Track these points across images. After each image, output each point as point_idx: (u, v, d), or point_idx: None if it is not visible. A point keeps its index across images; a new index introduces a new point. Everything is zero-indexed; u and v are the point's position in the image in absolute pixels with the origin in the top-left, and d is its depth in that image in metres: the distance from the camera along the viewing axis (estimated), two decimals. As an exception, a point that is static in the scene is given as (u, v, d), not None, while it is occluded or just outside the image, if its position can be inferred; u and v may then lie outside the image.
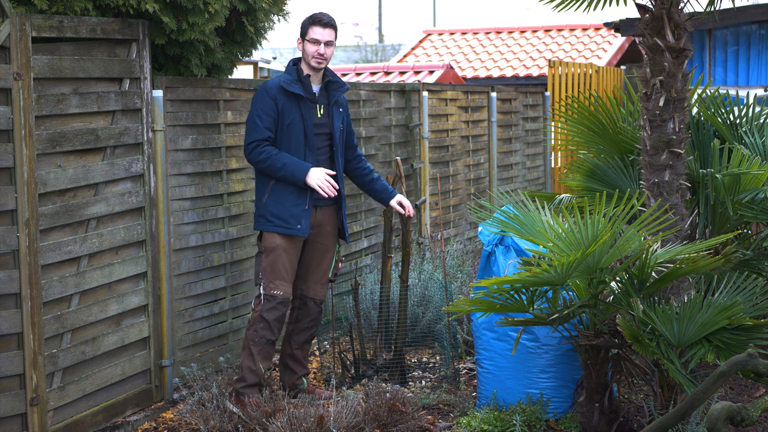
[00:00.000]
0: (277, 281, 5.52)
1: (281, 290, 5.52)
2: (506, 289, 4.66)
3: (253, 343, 5.48)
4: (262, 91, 5.54)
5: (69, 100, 4.95)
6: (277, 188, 5.53)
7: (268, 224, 5.54)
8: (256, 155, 5.47)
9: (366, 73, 13.58)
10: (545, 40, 15.95)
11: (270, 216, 5.53)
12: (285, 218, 5.52)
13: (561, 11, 5.93)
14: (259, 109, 5.50)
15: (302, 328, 5.78)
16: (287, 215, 5.52)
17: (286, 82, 5.51)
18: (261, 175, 5.58)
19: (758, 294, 4.92)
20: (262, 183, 5.58)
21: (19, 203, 4.62)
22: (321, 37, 5.56)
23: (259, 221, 5.58)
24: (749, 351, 4.03)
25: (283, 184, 5.52)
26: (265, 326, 5.49)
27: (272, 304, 5.50)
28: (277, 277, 5.52)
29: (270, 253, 5.53)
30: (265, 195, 5.56)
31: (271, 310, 5.50)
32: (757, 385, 5.81)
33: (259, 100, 5.52)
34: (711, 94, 6.36)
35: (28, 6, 4.84)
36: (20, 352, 4.68)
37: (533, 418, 5.12)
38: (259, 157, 5.47)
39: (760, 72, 13.16)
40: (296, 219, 5.53)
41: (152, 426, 5.43)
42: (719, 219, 5.89)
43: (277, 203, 5.53)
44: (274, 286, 5.51)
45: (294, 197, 5.53)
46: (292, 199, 5.53)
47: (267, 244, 5.55)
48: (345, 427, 4.79)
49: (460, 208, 9.94)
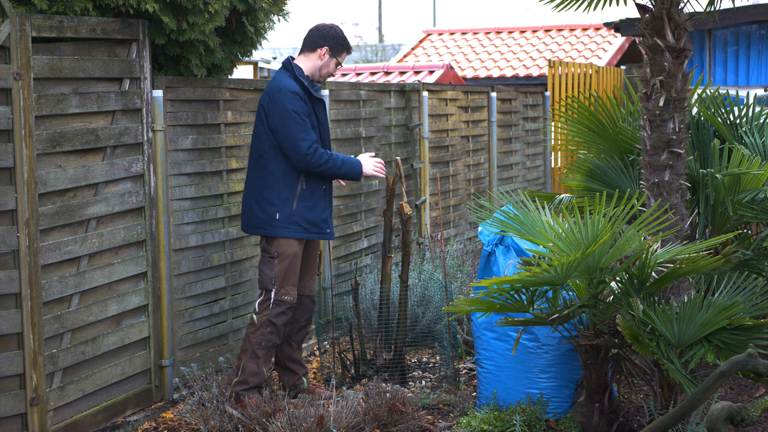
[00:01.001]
0: (288, 286, 5.52)
1: (291, 295, 5.53)
2: (506, 289, 4.66)
3: (259, 347, 5.47)
4: (288, 93, 5.43)
5: (69, 100, 4.95)
6: (308, 194, 5.49)
7: (302, 232, 5.49)
8: (319, 158, 5.40)
9: (366, 73, 13.58)
10: (545, 40, 15.95)
11: (304, 223, 5.48)
12: (317, 224, 5.53)
13: (561, 11, 5.93)
14: (298, 110, 5.41)
15: (300, 326, 5.79)
16: (320, 220, 5.54)
17: (307, 85, 5.51)
18: (288, 179, 5.46)
19: (758, 294, 4.91)
20: (287, 187, 5.46)
21: (19, 203, 4.62)
22: (343, 61, 5.72)
23: (290, 228, 5.47)
24: (749, 351, 4.03)
25: (312, 189, 5.49)
26: (273, 330, 5.49)
27: (281, 309, 5.51)
28: (288, 282, 5.52)
29: (286, 259, 5.49)
30: (294, 201, 5.46)
31: (280, 315, 5.51)
32: (757, 385, 5.81)
33: (293, 101, 5.41)
34: (711, 94, 6.36)
35: (28, 6, 4.85)
36: (20, 352, 4.68)
37: (533, 418, 5.12)
38: (321, 159, 5.41)
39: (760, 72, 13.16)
40: (327, 224, 5.59)
41: (152, 426, 5.43)
42: (719, 219, 5.90)
43: (310, 209, 5.49)
44: (285, 292, 5.51)
45: (324, 201, 5.56)
46: (323, 204, 5.55)
47: (285, 250, 5.49)
48: (345, 427, 4.79)
49: (460, 208, 9.94)
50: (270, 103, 5.46)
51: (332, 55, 5.62)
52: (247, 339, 5.55)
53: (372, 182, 8.12)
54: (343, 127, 7.66)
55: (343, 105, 7.71)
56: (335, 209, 7.51)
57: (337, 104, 7.59)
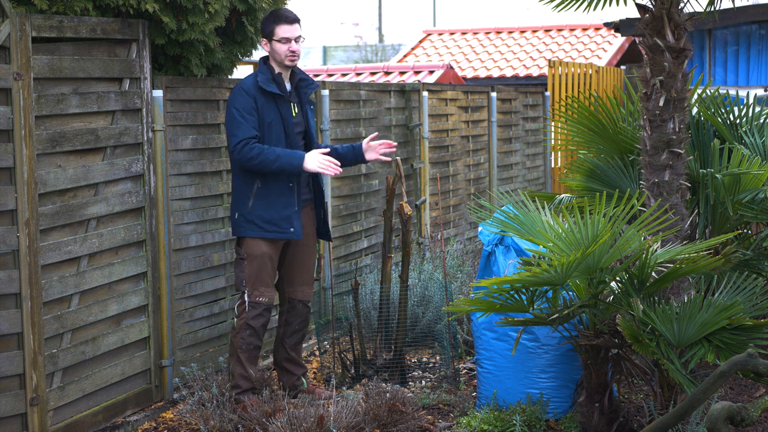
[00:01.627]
0: (262, 288, 5.47)
1: (266, 296, 5.48)
2: (506, 289, 4.66)
3: (240, 350, 5.47)
4: (239, 90, 5.42)
5: (69, 100, 4.95)
6: (264, 191, 5.41)
7: (259, 230, 5.42)
8: (247, 153, 5.30)
9: (366, 73, 13.58)
10: (545, 40, 15.95)
11: (260, 222, 5.41)
12: (276, 222, 5.42)
13: (561, 11, 5.93)
14: (240, 108, 5.36)
15: (293, 330, 5.76)
16: (278, 219, 5.42)
17: (264, 81, 5.42)
18: (245, 177, 5.44)
19: (758, 294, 4.91)
20: (245, 185, 5.44)
21: (19, 203, 4.62)
22: (291, 34, 5.45)
23: (247, 227, 5.44)
24: (749, 351, 4.03)
25: (270, 186, 5.41)
26: (251, 333, 5.47)
27: (258, 311, 5.47)
28: (261, 284, 5.46)
29: (255, 261, 5.45)
30: (250, 199, 5.42)
31: (257, 317, 5.47)
32: (757, 385, 5.81)
33: (239, 99, 5.39)
34: (711, 94, 6.36)
35: (28, 6, 4.85)
36: (20, 352, 4.68)
37: (533, 418, 5.12)
38: (250, 153, 5.29)
39: (760, 72, 13.15)
40: (288, 222, 5.44)
41: (152, 426, 5.43)
42: (719, 219, 5.89)
43: (266, 207, 5.41)
44: (259, 293, 5.46)
45: (284, 199, 5.43)
46: (282, 201, 5.42)
47: (252, 251, 5.45)
48: (345, 427, 4.79)
49: (460, 208, 9.94)
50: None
51: (270, 39, 5.48)
52: (231, 343, 5.54)
53: (372, 182, 8.13)
54: (343, 127, 7.66)
55: (343, 105, 7.71)
56: (335, 209, 7.51)
57: (337, 104, 7.59)
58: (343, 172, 7.64)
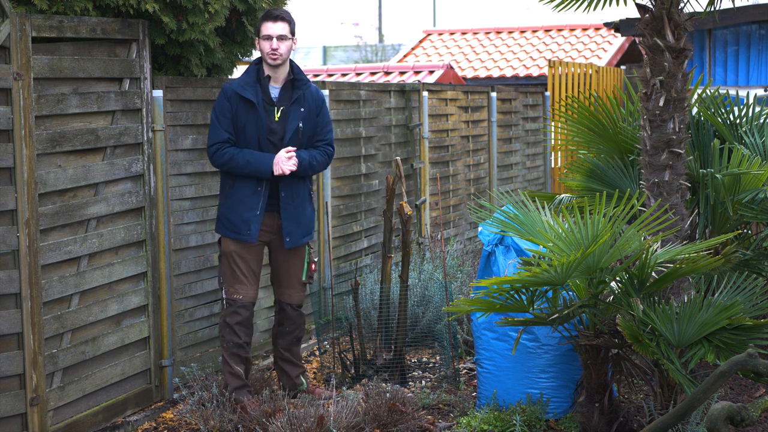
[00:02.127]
0: (237, 285, 5.47)
1: (241, 294, 5.47)
2: (506, 289, 4.66)
3: (223, 348, 5.51)
4: (221, 92, 5.45)
5: (69, 100, 4.95)
6: (233, 192, 5.44)
7: (223, 229, 5.49)
8: (219, 158, 5.38)
9: (366, 73, 13.58)
10: (545, 40, 15.95)
11: (224, 220, 5.48)
12: (236, 224, 5.44)
13: (561, 11, 5.92)
14: (217, 111, 5.42)
15: (285, 332, 5.75)
16: (238, 221, 5.43)
17: (240, 85, 5.39)
18: (223, 177, 5.51)
19: (758, 294, 4.91)
20: (222, 184, 5.53)
21: (19, 203, 4.61)
22: (272, 31, 5.38)
23: (217, 224, 5.56)
24: (749, 351, 4.03)
25: (239, 189, 5.42)
26: (229, 331, 5.47)
27: (233, 308, 5.47)
28: (236, 281, 5.47)
29: (225, 258, 5.50)
30: (223, 199, 5.50)
31: (233, 315, 5.47)
32: (757, 385, 5.81)
33: (218, 101, 5.44)
34: (711, 94, 6.36)
35: (28, 6, 4.85)
36: (20, 352, 4.67)
37: (533, 418, 5.12)
38: (222, 159, 5.37)
39: (760, 72, 13.15)
40: (246, 225, 5.42)
41: (152, 426, 5.43)
42: (719, 219, 5.89)
43: (230, 208, 5.45)
44: (234, 291, 5.47)
45: (247, 201, 5.42)
46: (246, 204, 5.42)
47: (223, 248, 5.52)
48: (345, 427, 4.79)
49: (460, 208, 9.94)
50: None
51: (257, 36, 5.47)
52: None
53: (372, 182, 8.13)
54: (343, 127, 7.65)
55: (343, 105, 7.71)
56: (335, 209, 7.51)
57: (337, 104, 7.58)
58: (344, 172, 7.67)
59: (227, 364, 5.49)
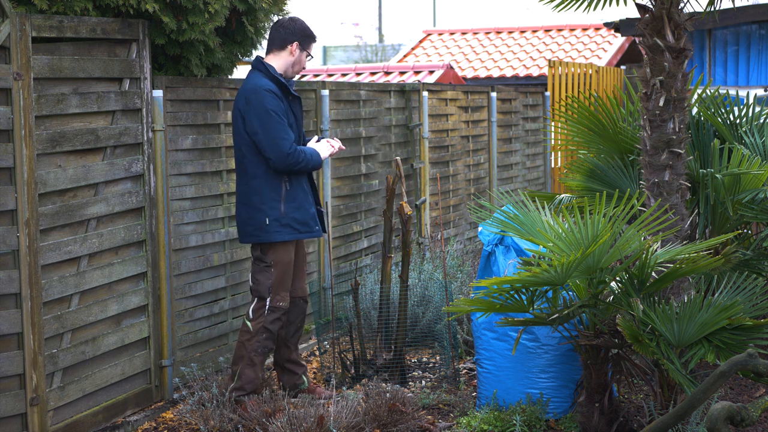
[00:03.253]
0: (283, 293, 5.49)
1: (285, 301, 5.51)
2: (506, 289, 4.66)
3: (256, 353, 5.44)
4: (265, 92, 5.32)
5: (69, 100, 4.95)
6: (292, 193, 5.40)
7: (294, 233, 5.40)
8: (296, 157, 5.31)
9: (366, 73, 13.58)
10: (545, 40, 15.95)
11: (295, 224, 5.40)
12: (307, 222, 5.46)
13: (561, 11, 5.93)
14: (278, 111, 5.32)
15: (296, 328, 5.76)
16: (308, 219, 5.47)
17: (284, 83, 5.44)
18: (271, 180, 5.37)
19: (758, 294, 4.91)
20: (271, 189, 5.37)
21: (19, 203, 4.62)
22: (313, 53, 5.66)
23: (282, 231, 5.38)
24: (749, 351, 4.03)
25: (296, 189, 5.41)
26: (268, 337, 5.47)
27: (276, 315, 5.49)
28: (283, 288, 5.49)
29: (282, 267, 5.45)
30: (281, 203, 5.38)
31: (275, 321, 5.49)
32: (757, 385, 5.81)
33: (270, 101, 5.32)
34: (711, 94, 6.36)
35: (28, 6, 4.85)
36: (20, 352, 4.68)
37: (533, 418, 5.12)
38: (298, 157, 5.33)
39: (760, 72, 13.15)
40: (315, 220, 5.52)
41: (152, 426, 5.43)
42: (719, 219, 5.89)
43: (297, 209, 5.42)
44: (280, 298, 5.48)
45: (304, 198, 5.47)
46: (309, 201, 5.50)
47: (280, 257, 5.42)
48: (345, 427, 4.79)
49: (460, 208, 9.94)
50: (247, 105, 5.34)
51: (302, 48, 5.52)
52: (242, 346, 5.48)
53: (372, 182, 8.13)
54: (343, 127, 7.65)
55: (343, 105, 7.71)
56: (335, 209, 7.52)
57: (337, 104, 7.58)
58: (344, 172, 7.67)
59: (253, 368, 5.43)
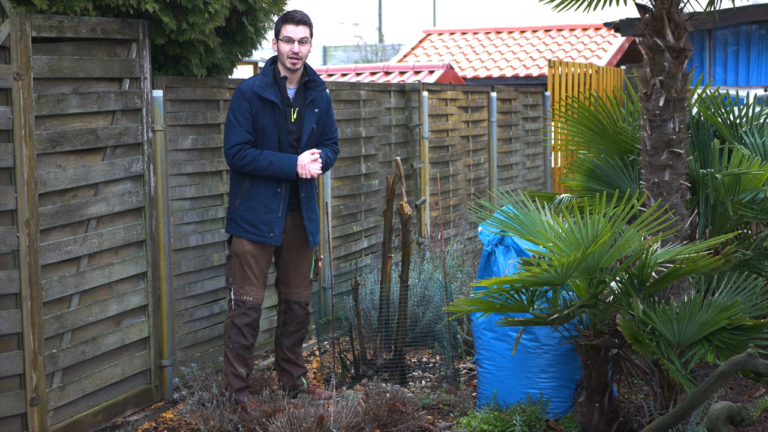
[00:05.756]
0: (247, 287, 5.46)
1: (251, 295, 5.46)
2: (506, 289, 4.66)
3: (228, 349, 5.48)
4: (237, 93, 5.39)
5: (69, 100, 4.95)
6: (250, 193, 5.40)
7: (239, 230, 5.43)
8: (240, 159, 5.33)
9: (366, 73, 13.58)
10: (545, 40, 15.95)
11: (241, 222, 5.42)
12: (256, 225, 5.41)
13: (561, 11, 5.92)
14: (236, 111, 5.36)
15: (290, 331, 5.75)
16: (258, 222, 5.41)
17: (261, 86, 5.38)
18: (236, 176, 5.46)
19: (758, 294, 4.91)
20: (235, 185, 5.47)
21: (19, 203, 4.62)
22: (294, 34, 5.41)
23: (230, 225, 5.48)
24: (749, 351, 4.03)
25: (257, 189, 5.39)
26: (237, 332, 5.46)
27: (242, 310, 5.46)
28: (247, 282, 5.46)
29: (239, 259, 5.46)
30: (237, 198, 5.44)
31: (242, 316, 5.46)
32: (757, 385, 5.81)
33: (236, 102, 5.38)
34: (711, 94, 6.36)
35: (28, 6, 4.85)
36: (20, 352, 4.68)
37: (533, 418, 5.12)
38: (244, 160, 5.32)
39: (760, 72, 13.15)
40: (269, 227, 5.42)
41: (152, 426, 5.43)
42: (719, 219, 5.89)
43: (249, 209, 5.41)
44: (244, 292, 5.46)
45: (268, 203, 5.41)
46: (267, 205, 5.40)
47: (236, 248, 5.47)
48: (345, 427, 4.79)
49: (460, 208, 9.94)
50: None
51: (277, 37, 5.46)
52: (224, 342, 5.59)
53: (372, 182, 8.13)
54: (343, 127, 7.66)
55: (343, 105, 7.71)
56: (335, 209, 7.51)
57: (337, 104, 7.58)
58: (344, 172, 7.67)
59: (231, 365, 5.47)
